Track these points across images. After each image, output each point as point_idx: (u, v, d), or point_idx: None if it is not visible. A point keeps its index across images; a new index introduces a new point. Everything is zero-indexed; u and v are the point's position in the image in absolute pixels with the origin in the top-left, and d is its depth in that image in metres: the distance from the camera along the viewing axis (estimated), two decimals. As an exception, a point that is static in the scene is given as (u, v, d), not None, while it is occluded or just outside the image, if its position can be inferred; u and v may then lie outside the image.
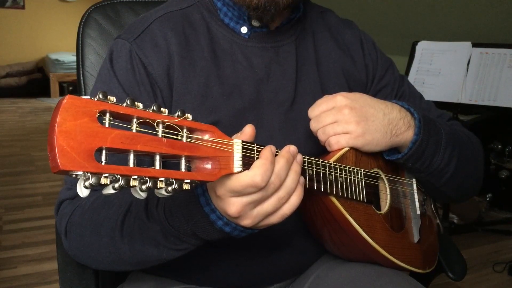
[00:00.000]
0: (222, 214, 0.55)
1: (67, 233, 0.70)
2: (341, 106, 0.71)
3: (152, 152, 0.40)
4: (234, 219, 0.54)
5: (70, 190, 0.72)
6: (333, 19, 0.89)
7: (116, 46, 0.74)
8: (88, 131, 0.36)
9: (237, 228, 0.56)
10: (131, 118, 0.40)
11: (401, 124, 0.74)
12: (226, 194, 0.52)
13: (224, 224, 0.56)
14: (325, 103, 0.72)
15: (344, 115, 0.70)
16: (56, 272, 0.81)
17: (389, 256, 0.73)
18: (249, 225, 0.54)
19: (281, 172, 0.53)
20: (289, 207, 0.55)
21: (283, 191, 0.54)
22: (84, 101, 0.36)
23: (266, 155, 0.52)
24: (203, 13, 0.77)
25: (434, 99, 2.17)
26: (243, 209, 0.52)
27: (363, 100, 0.73)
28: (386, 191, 0.78)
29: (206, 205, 0.56)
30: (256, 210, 0.53)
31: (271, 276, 0.81)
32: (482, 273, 2.06)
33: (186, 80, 0.72)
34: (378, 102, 0.74)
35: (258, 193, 0.52)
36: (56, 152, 0.34)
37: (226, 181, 0.51)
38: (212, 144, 0.46)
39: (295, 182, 0.55)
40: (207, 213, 0.56)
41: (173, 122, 0.42)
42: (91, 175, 0.35)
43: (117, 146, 0.37)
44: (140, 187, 0.39)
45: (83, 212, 0.68)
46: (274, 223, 0.56)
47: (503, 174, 2.36)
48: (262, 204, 0.53)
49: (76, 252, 0.70)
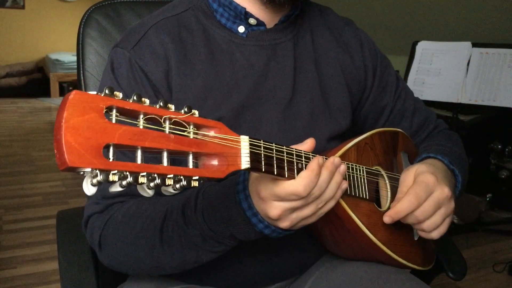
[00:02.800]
0: (262, 217, 0.59)
1: (101, 245, 0.71)
2: (447, 197, 0.70)
3: (160, 148, 0.40)
4: (273, 221, 0.58)
5: (97, 204, 0.72)
6: (332, 16, 0.89)
7: (116, 55, 0.75)
8: (96, 127, 0.35)
9: (275, 231, 0.60)
10: (138, 114, 0.39)
11: (451, 174, 0.80)
12: (269, 198, 0.55)
13: (264, 227, 0.60)
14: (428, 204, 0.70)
15: (451, 205, 0.72)
16: (56, 272, 0.81)
17: (391, 254, 0.73)
18: (287, 227, 0.58)
19: (323, 184, 0.57)
20: (325, 209, 0.60)
21: (322, 199, 0.58)
22: (91, 97, 0.36)
23: (313, 167, 0.55)
24: (199, 16, 0.78)
25: (434, 99, 2.18)
26: (284, 213, 0.56)
27: (440, 172, 0.74)
28: (387, 188, 0.78)
29: (249, 209, 0.59)
30: (295, 214, 0.57)
31: (272, 275, 0.80)
32: (482, 273, 2.06)
33: (185, 84, 0.73)
34: (438, 166, 0.77)
35: (299, 201, 0.55)
36: (64, 149, 0.33)
37: (272, 185, 0.55)
38: (219, 140, 0.46)
39: (333, 191, 0.59)
40: (248, 216, 0.59)
41: (180, 118, 0.42)
42: (99, 172, 0.35)
43: (125, 143, 0.37)
44: (148, 184, 0.39)
45: (117, 224, 0.69)
46: (310, 223, 0.60)
47: (503, 174, 2.36)
48: (301, 209, 0.57)
49: (113, 263, 0.71)
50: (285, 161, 0.55)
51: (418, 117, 0.94)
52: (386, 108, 0.91)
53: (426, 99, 2.16)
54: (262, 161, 0.51)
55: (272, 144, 0.54)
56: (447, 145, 0.86)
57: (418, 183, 0.69)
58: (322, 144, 0.79)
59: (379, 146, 0.80)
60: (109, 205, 0.71)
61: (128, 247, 0.68)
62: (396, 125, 0.92)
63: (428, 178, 0.69)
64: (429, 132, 0.95)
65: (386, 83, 0.90)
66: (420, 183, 0.69)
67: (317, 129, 0.80)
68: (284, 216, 0.56)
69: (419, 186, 0.69)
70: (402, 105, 0.92)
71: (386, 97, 0.91)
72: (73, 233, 0.89)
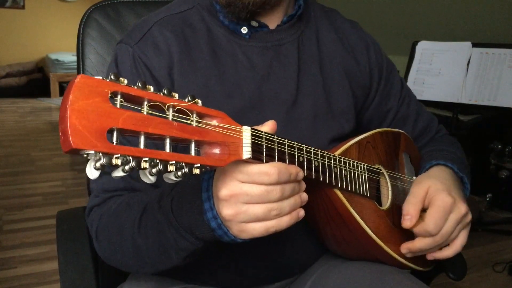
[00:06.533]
0: (214, 203, 0.54)
1: (97, 237, 0.71)
2: (464, 215, 0.72)
3: (163, 135, 0.40)
4: (219, 202, 0.53)
5: (97, 197, 0.72)
6: (338, 18, 0.89)
7: (120, 51, 0.75)
8: (100, 110, 0.35)
9: (221, 228, 0.55)
10: (142, 100, 0.40)
11: (459, 182, 0.81)
12: (232, 173, 0.51)
13: (212, 218, 0.55)
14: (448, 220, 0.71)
15: (467, 222, 0.73)
16: (56, 272, 0.81)
17: (392, 253, 0.72)
18: (228, 216, 0.53)
19: (287, 188, 0.53)
20: (275, 223, 0.53)
21: (280, 204, 0.53)
22: (96, 81, 0.36)
23: (292, 166, 0.54)
24: (204, 15, 0.78)
25: (434, 99, 2.18)
26: (236, 195, 0.51)
27: (454, 185, 0.75)
28: (388, 187, 0.78)
29: (205, 191, 0.56)
30: (246, 206, 0.52)
31: (273, 275, 0.80)
32: (482, 273, 2.05)
33: (186, 82, 0.73)
34: (449, 175, 0.78)
35: (259, 188, 0.51)
36: (69, 130, 0.33)
37: (242, 163, 0.51)
38: (221, 129, 0.46)
39: (292, 207, 0.54)
40: (202, 200, 0.55)
41: (184, 106, 0.42)
42: (102, 155, 0.35)
43: (129, 128, 0.37)
44: (150, 170, 0.39)
45: (109, 216, 0.69)
46: (254, 234, 0.54)
47: (503, 174, 2.36)
48: (254, 204, 0.52)
49: (105, 254, 0.71)
50: (287, 154, 0.55)
51: (421, 122, 0.94)
52: (390, 112, 0.91)
53: (426, 99, 2.16)
54: (263, 152, 0.51)
55: (274, 136, 0.54)
56: (452, 151, 0.86)
57: (435, 208, 0.70)
58: (324, 146, 0.79)
59: (381, 145, 0.80)
60: (108, 198, 0.71)
61: (115, 239, 0.67)
62: (399, 129, 0.91)
63: (445, 201, 0.70)
64: (431, 137, 0.96)
65: (391, 87, 0.90)
66: (437, 208, 0.70)
67: (319, 131, 0.79)
68: (233, 199, 0.51)
69: (437, 213, 0.70)
70: (406, 109, 0.92)
71: (390, 102, 0.90)
72: (73, 233, 0.89)
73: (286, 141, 0.56)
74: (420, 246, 0.71)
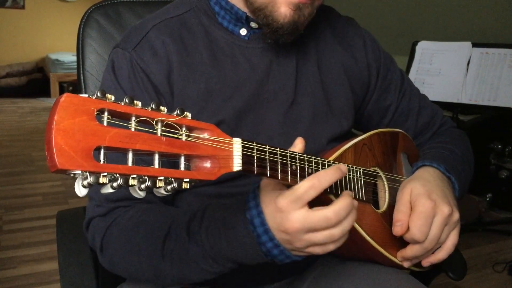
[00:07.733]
0: (274, 235, 0.56)
1: (103, 249, 0.70)
2: (447, 215, 0.70)
3: (151, 151, 0.40)
4: (286, 236, 0.55)
5: (99, 207, 0.71)
6: (334, 16, 0.89)
7: (117, 56, 0.74)
8: (86, 129, 0.35)
9: (283, 252, 0.57)
10: (129, 116, 0.39)
11: (447, 182, 0.79)
12: (289, 206, 0.54)
13: (273, 246, 0.57)
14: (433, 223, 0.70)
15: (455, 222, 0.72)
16: (56, 272, 0.81)
17: (389, 255, 0.72)
18: (294, 248, 0.56)
19: (346, 224, 0.56)
20: (333, 245, 0.57)
21: (338, 229, 0.56)
22: (82, 99, 0.36)
23: (347, 198, 0.56)
24: (201, 17, 0.77)
25: (434, 99, 2.16)
26: (302, 228, 0.54)
27: (436, 186, 0.74)
28: (385, 189, 0.78)
29: (261, 225, 0.57)
30: (307, 235, 0.55)
31: (272, 275, 0.81)
32: (482, 273, 2.05)
33: (186, 86, 0.73)
34: (433, 176, 0.76)
35: (322, 234, 0.55)
36: (54, 151, 0.33)
37: (291, 190, 0.54)
38: (211, 142, 0.46)
39: (350, 226, 0.57)
40: (259, 234, 0.57)
41: (172, 120, 0.42)
42: (89, 174, 0.35)
43: (116, 145, 0.37)
44: (139, 186, 0.39)
45: (120, 230, 0.68)
46: (314, 254, 0.58)
47: (503, 174, 2.35)
48: (316, 232, 0.55)
49: (113, 267, 0.70)
50: (279, 163, 0.55)
51: (423, 116, 0.93)
52: (390, 107, 0.90)
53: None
54: (254, 163, 0.51)
55: (265, 146, 0.54)
56: (449, 147, 0.85)
57: (416, 214, 0.69)
58: (323, 145, 0.79)
59: (378, 146, 0.80)
60: (112, 209, 0.70)
61: (129, 255, 0.67)
62: (401, 124, 0.91)
63: (426, 206, 0.69)
64: (435, 131, 0.94)
65: (390, 82, 0.90)
66: (418, 214, 0.69)
67: (318, 131, 0.79)
68: (300, 234, 0.54)
69: (419, 220, 0.69)
70: (407, 104, 0.92)
71: (390, 96, 0.90)
72: (73, 233, 0.89)
73: (278, 150, 0.55)
74: (412, 254, 0.71)
